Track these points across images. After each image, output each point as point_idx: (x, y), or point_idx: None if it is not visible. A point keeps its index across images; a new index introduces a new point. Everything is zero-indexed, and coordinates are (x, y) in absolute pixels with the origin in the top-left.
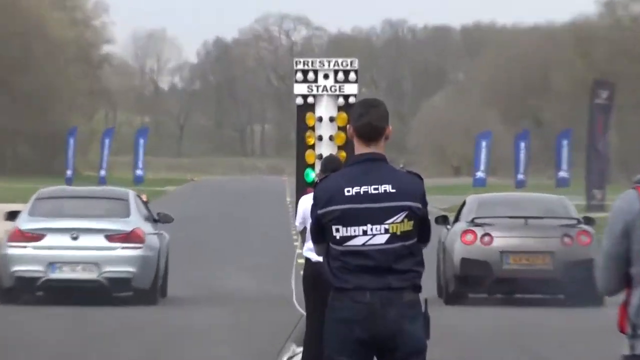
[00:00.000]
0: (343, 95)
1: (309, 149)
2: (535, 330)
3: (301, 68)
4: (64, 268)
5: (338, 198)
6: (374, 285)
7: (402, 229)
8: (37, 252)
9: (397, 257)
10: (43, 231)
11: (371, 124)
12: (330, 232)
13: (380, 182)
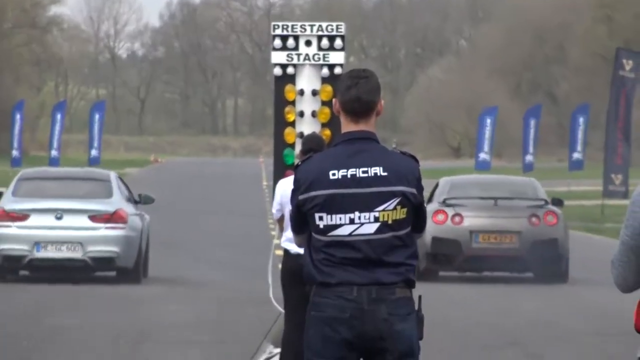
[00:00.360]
0: (328, 65)
1: (289, 126)
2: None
3: (280, 33)
4: (48, 247)
5: (322, 182)
6: (361, 280)
7: (394, 217)
8: (22, 232)
9: (387, 249)
10: (27, 211)
11: (360, 98)
12: (312, 220)
13: (370, 164)
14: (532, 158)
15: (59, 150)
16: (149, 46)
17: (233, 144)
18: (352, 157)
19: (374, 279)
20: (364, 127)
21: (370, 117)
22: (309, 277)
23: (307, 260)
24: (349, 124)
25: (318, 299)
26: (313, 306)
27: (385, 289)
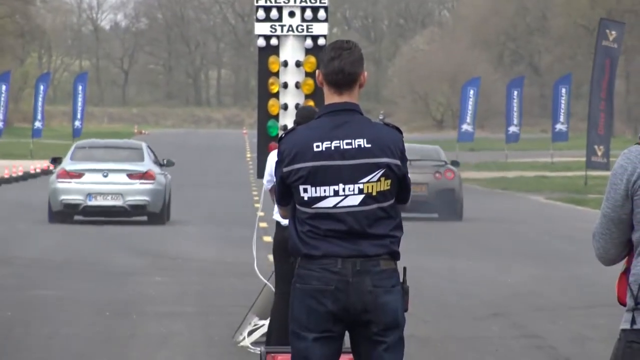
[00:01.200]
0: (311, 36)
1: (272, 97)
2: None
3: (263, 4)
4: (98, 197)
5: (305, 154)
6: (346, 252)
7: (378, 188)
8: (78, 186)
9: (372, 221)
10: (82, 171)
11: (344, 69)
12: (297, 192)
13: (354, 135)
14: (516, 129)
15: (42, 122)
16: (131, 17)
17: (217, 115)
18: (335, 129)
19: (358, 251)
20: (348, 99)
21: (353, 89)
22: (294, 249)
23: (292, 232)
24: (333, 96)
25: (303, 271)
26: (297, 278)
27: (369, 261)
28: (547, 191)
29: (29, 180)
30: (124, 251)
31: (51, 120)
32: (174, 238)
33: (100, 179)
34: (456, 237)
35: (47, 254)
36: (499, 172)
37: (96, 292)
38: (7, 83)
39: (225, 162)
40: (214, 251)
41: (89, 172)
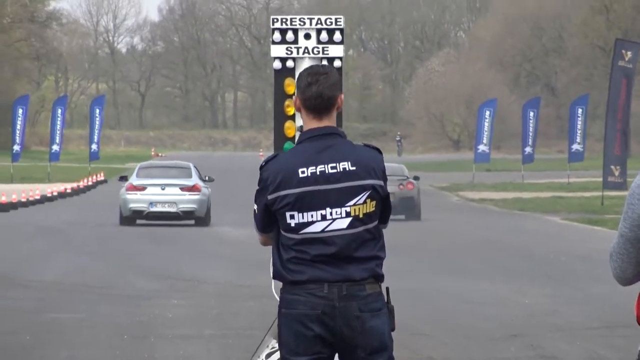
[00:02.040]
0: (327, 58)
1: (289, 120)
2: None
3: (279, 27)
4: (157, 205)
5: (291, 180)
6: (332, 277)
7: (365, 210)
8: (142, 197)
9: (359, 243)
10: (145, 185)
11: (322, 94)
12: (283, 219)
13: (339, 159)
14: (531, 150)
15: (60, 145)
16: (148, 40)
17: (233, 137)
18: (320, 154)
19: (344, 275)
20: (327, 123)
21: (332, 113)
22: (278, 276)
23: (276, 259)
24: (312, 121)
25: (288, 296)
26: (283, 303)
27: (355, 285)
28: (563, 212)
29: (45, 204)
30: (141, 274)
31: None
32: (190, 260)
33: (159, 191)
34: (471, 258)
35: (65, 276)
36: (515, 192)
37: (114, 315)
38: (25, 107)
39: (242, 184)
40: (230, 273)
41: (150, 186)
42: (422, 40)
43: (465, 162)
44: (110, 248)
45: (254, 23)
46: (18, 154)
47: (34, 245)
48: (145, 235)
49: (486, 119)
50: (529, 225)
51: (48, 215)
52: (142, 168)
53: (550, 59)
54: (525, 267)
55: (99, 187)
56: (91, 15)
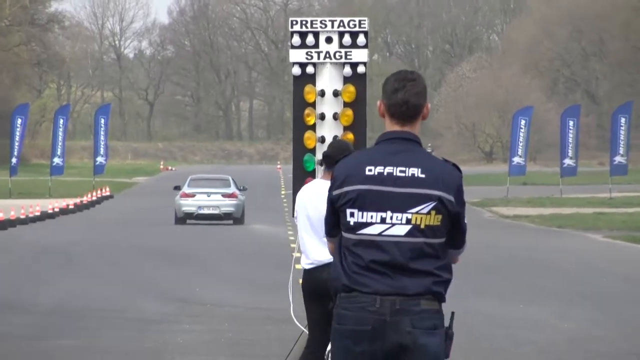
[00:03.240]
0: (350, 64)
1: (309, 130)
2: None
3: (298, 30)
4: (204, 208)
5: (356, 177)
6: (386, 289)
7: (427, 222)
8: (192, 202)
9: (416, 255)
10: (194, 193)
11: (408, 101)
12: (344, 217)
13: (409, 164)
14: (572, 162)
15: (63, 158)
16: (157, 45)
17: (249, 149)
18: (391, 155)
19: (398, 288)
20: (409, 129)
21: (416, 121)
22: (336, 280)
23: (337, 263)
24: (394, 126)
25: (340, 311)
26: (336, 318)
27: (409, 300)
28: (605, 229)
29: (46, 221)
30: (150, 296)
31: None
32: (203, 281)
33: (206, 197)
34: (505, 278)
35: (68, 300)
36: (553, 208)
37: (121, 341)
38: (25, 116)
39: (259, 199)
40: (246, 296)
41: (198, 194)
42: (452, 44)
43: (498, 176)
44: (116, 269)
45: (271, 26)
46: (16, 168)
47: (33, 266)
48: (156, 254)
49: (521, 128)
50: (568, 243)
51: (49, 233)
52: (192, 180)
53: (590, 64)
54: (564, 289)
55: (104, 203)
56: (96, 18)
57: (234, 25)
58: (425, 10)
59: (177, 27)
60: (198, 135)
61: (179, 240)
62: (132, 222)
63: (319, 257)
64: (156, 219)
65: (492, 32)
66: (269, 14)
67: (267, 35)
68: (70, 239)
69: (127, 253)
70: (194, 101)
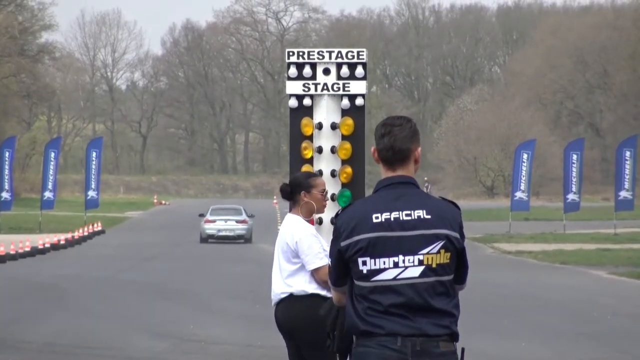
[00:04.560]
0: (348, 96)
1: (306, 163)
2: None
3: (295, 61)
4: (222, 231)
5: (365, 226)
6: (406, 330)
7: (438, 260)
8: (213, 226)
9: (432, 294)
10: (215, 219)
11: (394, 146)
12: (356, 266)
13: (413, 207)
14: (575, 197)
15: (54, 192)
16: (150, 76)
17: (244, 183)
18: (394, 201)
19: (418, 329)
20: (401, 173)
21: (406, 165)
22: (352, 327)
23: (350, 310)
24: (387, 171)
25: (360, 349)
26: (355, 356)
27: (430, 341)
28: (610, 265)
29: (37, 257)
30: (144, 333)
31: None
32: (198, 318)
33: (224, 223)
34: (508, 316)
35: (59, 337)
36: (556, 244)
37: None
38: (12, 149)
39: (254, 234)
40: (242, 333)
41: (218, 220)
42: (452, 75)
43: (500, 211)
44: (108, 305)
45: (267, 57)
46: (8, 203)
47: (24, 303)
48: (150, 289)
49: (524, 162)
50: (572, 280)
51: (39, 269)
52: (213, 209)
53: (595, 96)
54: (567, 327)
55: (96, 238)
56: (87, 49)
57: (229, 56)
58: (425, 42)
59: (170, 58)
60: (192, 169)
61: (173, 276)
62: (125, 258)
63: (277, 290)
64: (149, 254)
65: (493, 63)
66: (264, 45)
67: (263, 67)
68: (61, 275)
69: (120, 289)
70: (188, 134)
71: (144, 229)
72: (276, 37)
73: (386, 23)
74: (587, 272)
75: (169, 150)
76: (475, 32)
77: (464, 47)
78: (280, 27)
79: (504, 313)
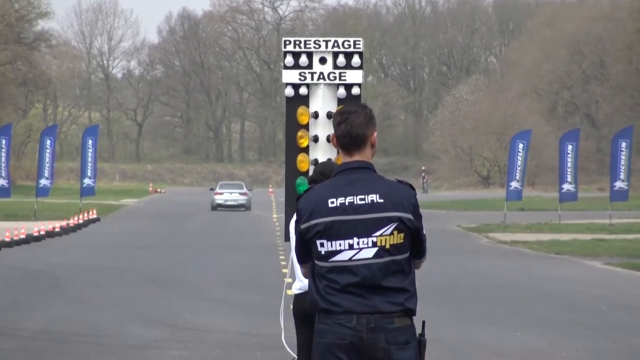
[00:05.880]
0: (344, 85)
1: (302, 152)
2: None
3: (291, 50)
4: (228, 201)
5: (321, 210)
6: (361, 308)
7: (392, 241)
8: (221, 197)
9: (385, 273)
10: (223, 192)
11: (350, 132)
12: (315, 247)
13: (367, 191)
14: (571, 187)
15: (50, 179)
16: (146, 64)
17: (240, 172)
18: (349, 186)
19: (373, 307)
20: (359, 158)
21: (363, 150)
22: (313, 304)
23: (312, 288)
24: (345, 156)
25: (320, 326)
26: (316, 332)
27: (384, 318)
28: (605, 256)
29: (32, 244)
30: (138, 321)
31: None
32: (193, 306)
33: (229, 195)
34: (502, 306)
35: (54, 324)
36: (551, 234)
37: None
38: (8, 137)
39: (249, 223)
40: (237, 321)
41: (225, 192)
42: (448, 65)
43: (495, 201)
44: (103, 293)
45: (263, 46)
46: (6, 190)
47: (18, 290)
48: (145, 277)
49: (519, 152)
50: (567, 270)
51: (34, 256)
52: (221, 185)
53: (591, 87)
54: (562, 317)
55: (91, 226)
56: (84, 37)
57: (225, 45)
58: (422, 31)
59: (166, 46)
60: (188, 157)
61: (168, 264)
62: (120, 246)
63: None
64: (145, 242)
65: (490, 53)
66: (261, 34)
67: (259, 56)
68: (56, 262)
69: (115, 277)
70: (184, 122)
71: (139, 216)
72: (272, 26)
73: (383, 13)
74: (582, 263)
75: (165, 138)
76: (472, 22)
77: (460, 37)
78: (276, 16)
79: (499, 302)
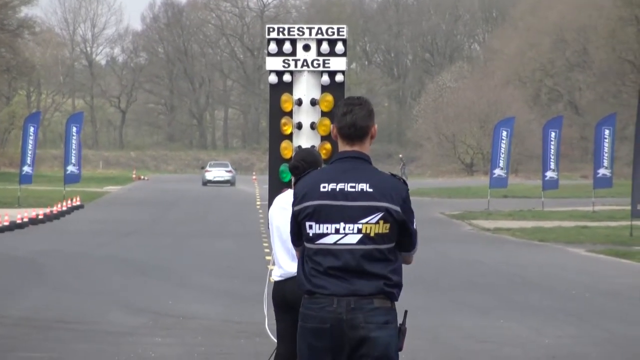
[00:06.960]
0: (328, 72)
1: (285, 139)
2: None
3: (275, 37)
4: (216, 177)
5: (313, 193)
6: (342, 291)
7: (377, 230)
8: (210, 174)
9: (368, 260)
10: (212, 169)
11: (355, 123)
12: (305, 229)
13: (358, 180)
14: (554, 175)
15: (32, 167)
16: (130, 52)
17: (223, 159)
18: (343, 173)
19: (352, 290)
20: (358, 149)
21: (364, 141)
22: (300, 285)
23: (299, 269)
24: (345, 146)
25: (305, 311)
26: (301, 317)
27: (363, 299)
28: (588, 243)
29: (15, 231)
30: (122, 308)
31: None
32: (176, 293)
33: (217, 172)
34: (486, 293)
35: (37, 311)
36: (535, 221)
37: (90, 354)
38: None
39: (233, 210)
40: (220, 309)
41: (214, 170)
42: (432, 53)
43: (479, 188)
44: (86, 280)
45: (247, 33)
46: None
47: (2, 278)
48: (128, 265)
49: (503, 139)
50: (550, 257)
51: (18, 244)
52: (211, 164)
53: (574, 74)
54: (545, 304)
55: (75, 213)
56: (67, 24)
57: (209, 32)
58: (405, 19)
59: (150, 33)
60: (171, 145)
61: (151, 251)
62: (104, 233)
63: (288, 269)
64: (128, 229)
65: (473, 41)
66: (244, 21)
67: (243, 43)
68: (39, 250)
69: (98, 264)
70: (167, 109)
71: (123, 204)
72: (256, 13)
73: (366, 0)
74: (565, 250)
75: (148, 125)
76: (455, 10)
77: (443, 24)
78: (260, 3)
79: (482, 290)
